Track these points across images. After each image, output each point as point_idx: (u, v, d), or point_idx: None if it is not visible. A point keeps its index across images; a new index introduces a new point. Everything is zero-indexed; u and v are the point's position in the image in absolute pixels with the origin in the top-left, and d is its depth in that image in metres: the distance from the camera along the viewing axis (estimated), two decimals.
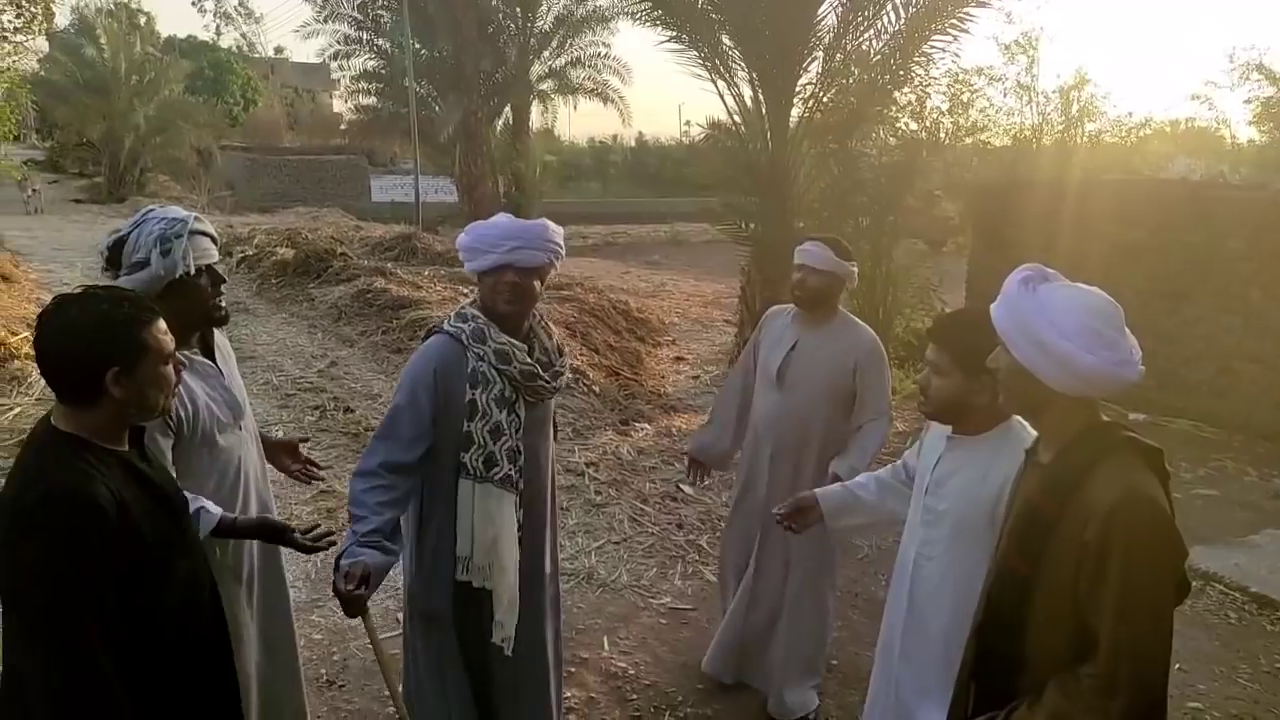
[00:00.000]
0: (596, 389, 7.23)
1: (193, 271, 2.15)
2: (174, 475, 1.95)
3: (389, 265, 11.42)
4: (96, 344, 1.60)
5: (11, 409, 6.02)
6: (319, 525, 2.29)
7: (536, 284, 2.40)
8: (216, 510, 2.09)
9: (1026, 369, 1.65)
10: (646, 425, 6.67)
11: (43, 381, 6.57)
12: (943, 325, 2.15)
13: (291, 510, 4.88)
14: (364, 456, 2.33)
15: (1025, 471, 1.79)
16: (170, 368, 1.73)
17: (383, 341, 8.51)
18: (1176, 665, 3.72)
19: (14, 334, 7.26)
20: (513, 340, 2.38)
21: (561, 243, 2.44)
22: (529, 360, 2.39)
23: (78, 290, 1.68)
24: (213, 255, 2.23)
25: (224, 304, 2.29)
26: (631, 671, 3.59)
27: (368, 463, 2.29)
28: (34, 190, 20.75)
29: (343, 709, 3.26)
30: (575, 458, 5.80)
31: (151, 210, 2.25)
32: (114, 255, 2.19)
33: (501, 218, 2.43)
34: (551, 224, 2.44)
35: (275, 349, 8.50)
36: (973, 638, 1.74)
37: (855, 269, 3.10)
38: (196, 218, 2.22)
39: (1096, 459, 1.58)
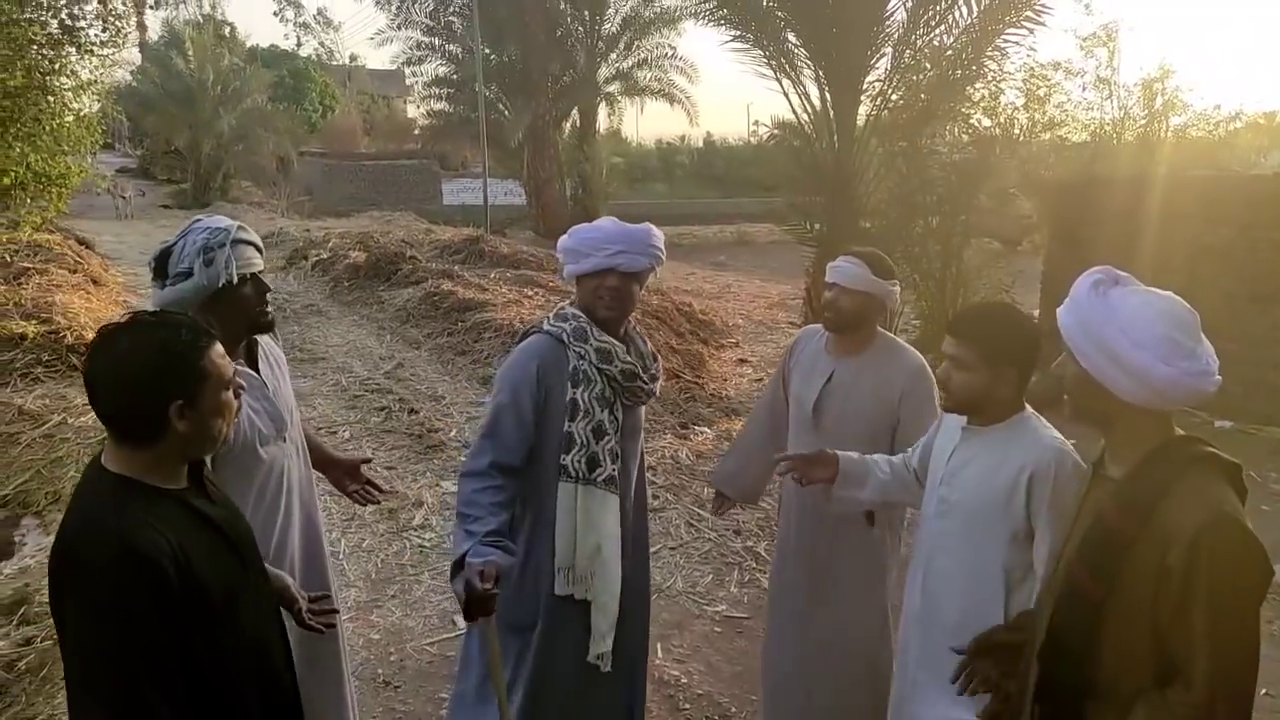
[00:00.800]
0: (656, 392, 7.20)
1: (235, 280, 2.14)
2: (237, 508, 1.82)
3: (455, 268, 11.60)
4: (157, 377, 1.50)
5: None
6: (328, 596, 2.17)
7: (636, 288, 2.39)
8: None
9: (1095, 379, 1.57)
10: (706, 429, 6.63)
11: None
12: (965, 318, 2.09)
13: (354, 510, 4.98)
14: (471, 457, 2.29)
15: (1092, 485, 1.71)
16: (231, 393, 1.64)
17: (447, 344, 8.64)
18: (1264, 690, 3.53)
19: None
20: (613, 340, 2.36)
21: (663, 247, 2.42)
22: (629, 358, 2.36)
23: (124, 318, 1.59)
24: (257, 264, 2.23)
25: (270, 310, 2.28)
26: (684, 680, 3.56)
27: (477, 463, 2.25)
28: (124, 197, 21.69)
29: (398, 709, 3.31)
30: None
31: (198, 220, 2.25)
32: (160, 266, 2.18)
33: (606, 221, 2.42)
34: (654, 229, 2.43)
35: (345, 350, 8.71)
36: (1036, 660, 1.67)
37: (897, 288, 2.73)
38: (240, 227, 2.23)
39: (1175, 476, 1.50)
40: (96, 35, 10.16)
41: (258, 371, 2.29)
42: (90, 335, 7.49)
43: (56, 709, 3.09)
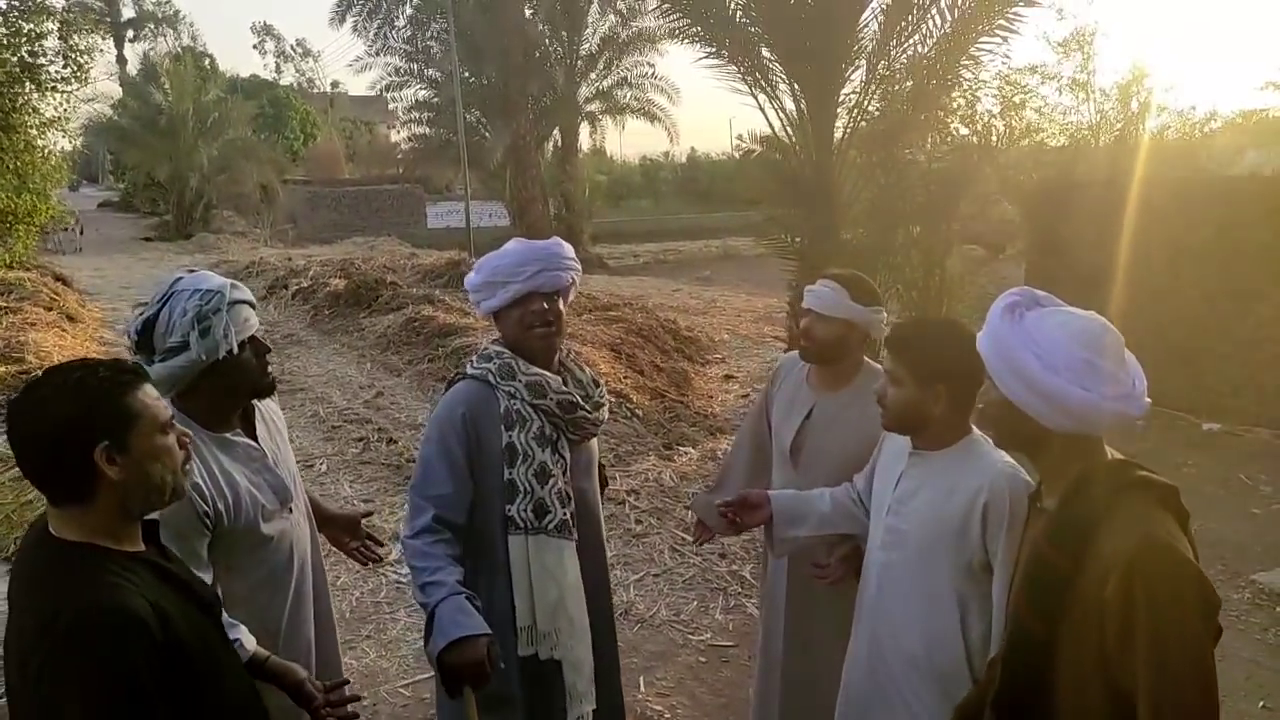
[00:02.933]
0: (639, 413, 7.12)
1: (236, 350, 1.93)
2: (197, 573, 1.70)
3: (437, 292, 11.51)
4: (75, 420, 1.37)
5: None
6: (348, 682, 1.97)
7: (563, 307, 2.25)
8: (249, 647, 1.83)
9: (1015, 405, 1.50)
10: (690, 449, 6.54)
11: None
12: (898, 332, 1.99)
13: (327, 544, 4.85)
14: (410, 519, 2.11)
15: (1030, 518, 1.63)
16: (171, 438, 1.49)
17: (428, 370, 8.54)
18: (1261, 702, 3.44)
19: None
20: (544, 372, 2.20)
21: (575, 257, 2.29)
22: (565, 388, 2.20)
23: (45, 369, 1.49)
24: (254, 325, 2.01)
25: (271, 373, 2.09)
26: (668, 715, 3.45)
27: (419, 522, 2.07)
28: (79, 230, 20.93)
29: None
30: (615, 485, 5.69)
31: (179, 280, 1.96)
32: (144, 339, 1.91)
33: (512, 244, 2.27)
34: (563, 241, 2.32)
35: (324, 380, 8.60)
36: (990, 709, 1.58)
37: (882, 314, 2.48)
38: (234, 285, 2.00)
39: (1108, 505, 1.42)
40: (58, 71, 10.08)
41: (255, 439, 2.06)
42: None
43: None
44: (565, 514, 2.16)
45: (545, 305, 2.20)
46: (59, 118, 10.55)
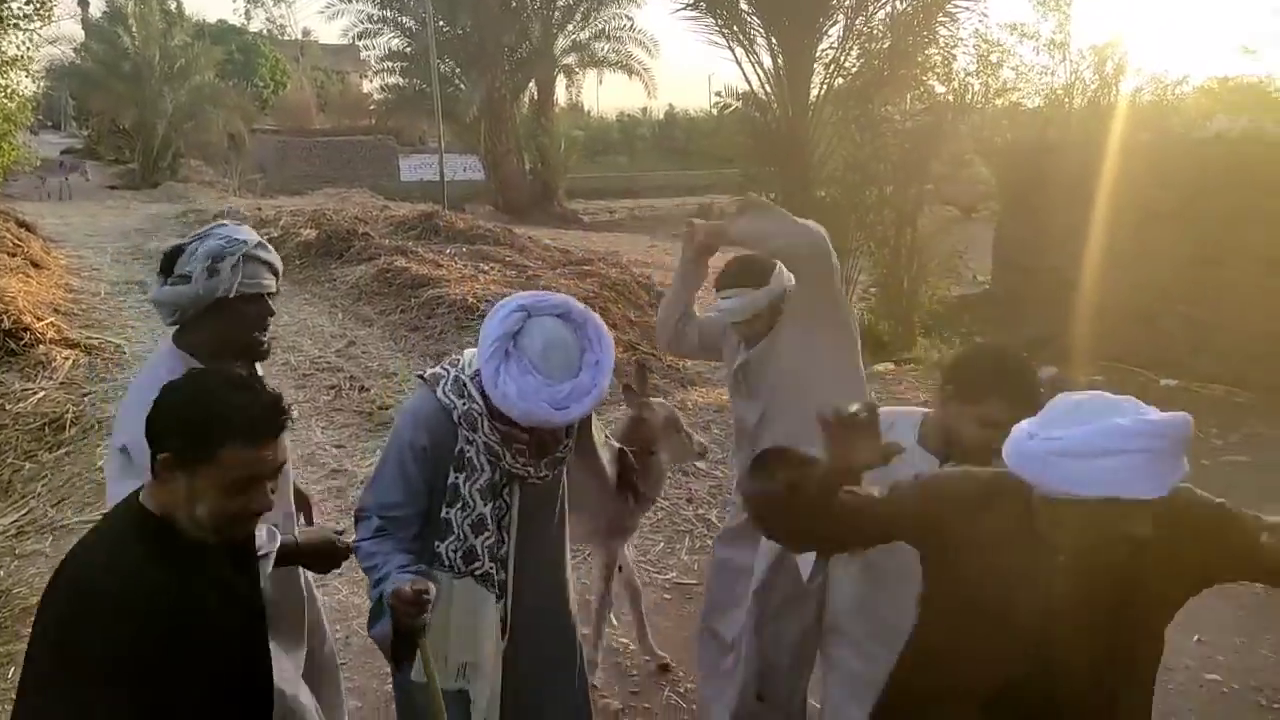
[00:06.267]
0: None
1: (232, 294, 2.00)
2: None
3: (410, 244, 11.44)
4: (186, 415, 1.43)
5: (36, 393, 6.11)
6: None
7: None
8: (278, 540, 1.82)
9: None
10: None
11: (67, 365, 6.72)
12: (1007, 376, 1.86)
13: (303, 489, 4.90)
14: (359, 527, 2.01)
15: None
16: (237, 501, 1.46)
17: (401, 321, 8.53)
18: (1196, 636, 3.61)
19: (40, 319, 7.37)
20: (511, 432, 1.97)
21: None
22: (521, 463, 2.01)
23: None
24: (267, 285, 2.08)
25: (266, 340, 2.13)
26: (632, 646, 3.56)
27: (366, 526, 1.99)
28: (67, 179, 20.99)
29: (344, 686, 3.26)
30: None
31: (223, 225, 2.12)
32: (168, 263, 2.04)
33: (534, 385, 1.85)
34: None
35: (295, 329, 8.57)
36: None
37: (784, 283, 2.53)
38: (260, 244, 2.09)
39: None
40: (20, 8, 9.77)
41: None
42: (29, 318, 7.28)
43: None
44: (491, 567, 2.04)
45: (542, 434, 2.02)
46: (21, 56, 10.26)
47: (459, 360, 2.07)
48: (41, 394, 6.11)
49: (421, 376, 2.08)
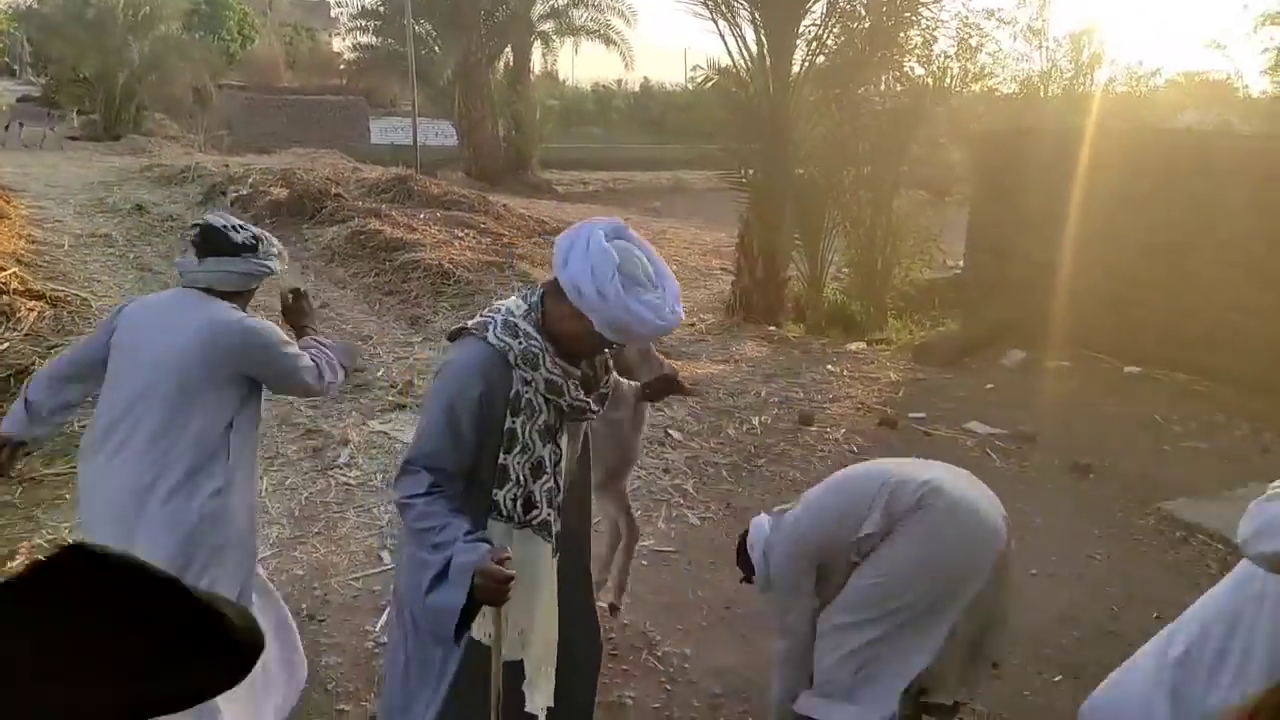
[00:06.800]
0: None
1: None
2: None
3: (384, 207, 11.29)
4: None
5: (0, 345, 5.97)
6: None
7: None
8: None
9: None
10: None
11: (31, 317, 6.56)
12: None
13: (278, 449, 4.87)
14: (405, 483, 1.93)
15: None
16: None
17: (375, 283, 8.45)
18: (1154, 613, 3.73)
19: (2, 270, 7.19)
20: (568, 368, 1.99)
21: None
22: (582, 397, 2.02)
23: None
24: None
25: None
26: (609, 612, 3.60)
27: (416, 483, 1.91)
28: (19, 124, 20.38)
29: (323, 642, 3.28)
30: None
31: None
32: (225, 240, 2.51)
33: (646, 309, 1.89)
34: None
35: (266, 289, 8.41)
36: None
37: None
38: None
39: None
40: None
41: None
42: None
43: None
44: (549, 514, 2.04)
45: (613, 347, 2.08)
46: None
47: (500, 307, 2.04)
48: (5, 345, 5.96)
49: (464, 329, 2.03)
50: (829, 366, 7.11)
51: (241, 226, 2.55)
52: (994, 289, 8.60)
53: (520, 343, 1.95)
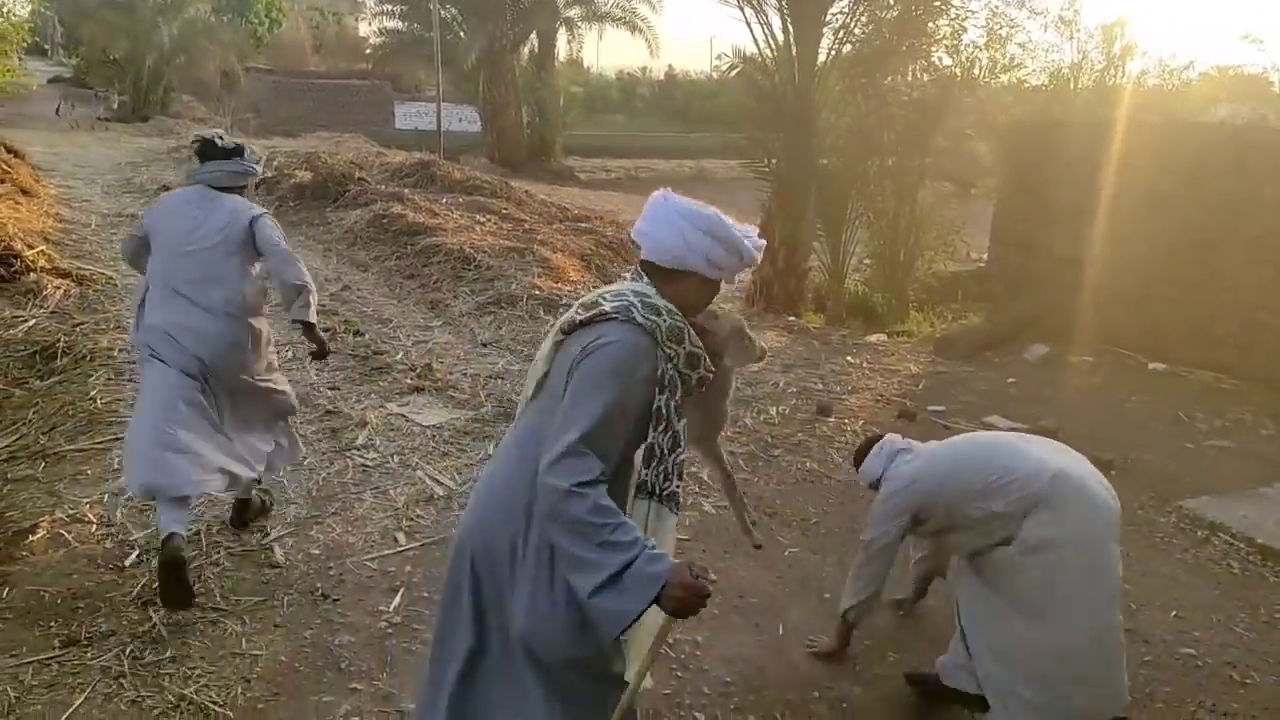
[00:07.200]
0: None
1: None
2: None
3: (406, 191, 11.33)
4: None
5: (27, 321, 6.05)
6: None
7: None
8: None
9: None
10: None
11: (58, 294, 6.64)
12: None
13: (296, 430, 4.89)
14: (575, 467, 1.81)
15: None
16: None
17: (396, 267, 8.48)
18: (1173, 612, 3.69)
19: (30, 247, 7.27)
20: (700, 342, 2.06)
21: None
22: (710, 366, 2.08)
23: None
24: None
25: None
26: None
27: (589, 470, 1.82)
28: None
29: (336, 621, 3.30)
30: None
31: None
32: (220, 149, 3.58)
33: (752, 236, 2.10)
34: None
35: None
36: None
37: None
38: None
39: None
40: None
41: None
42: (19, 245, 7.17)
43: None
44: (679, 485, 2.05)
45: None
46: None
47: (622, 290, 2.03)
48: (33, 322, 6.04)
49: (601, 313, 1.97)
50: (848, 358, 7.06)
51: (223, 136, 3.59)
52: (1018, 283, 8.50)
53: (665, 320, 1.97)
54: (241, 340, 3.52)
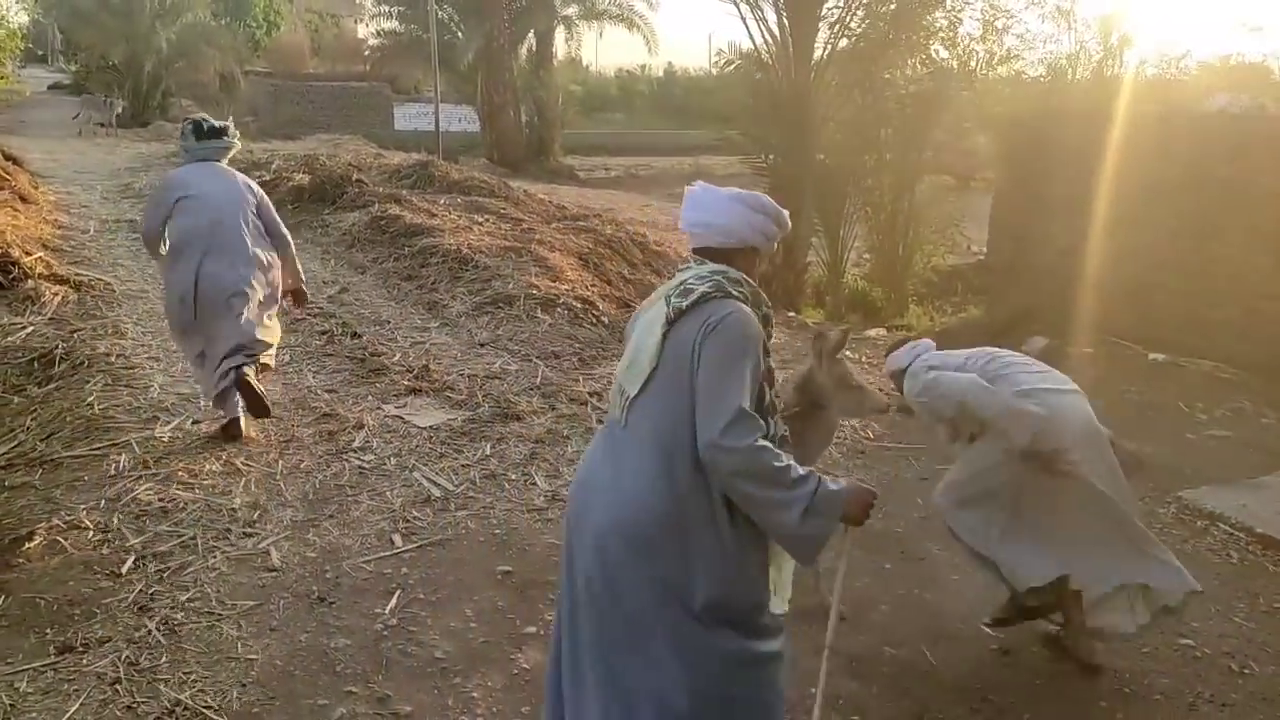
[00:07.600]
0: (605, 320, 7.18)
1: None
2: None
3: (404, 192, 11.32)
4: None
5: (25, 328, 6.06)
6: None
7: None
8: None
9: None
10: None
11: (56, 301, 6.65)
12: None
13: (292, 431, 4.91)
14: (744, 426, 1.97)
15: None
16: None
17: (393, 269, 8.47)
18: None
19: (28, 254, 7.28)
20: None
21: None
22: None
23: None
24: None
25: None
26: None
27: (757, 428, 2.00)
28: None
29: (332, 625, 3.30)
30: (580, 387, 5.78)
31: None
32: (206, 128, 4.76)
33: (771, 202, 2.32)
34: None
35: None
36: None
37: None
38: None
39: None
40: None
41: None
42: (17, 252, 7.18)
43: None
44: (785, 429, 2.23)
45: None
46: None
47: (702, 274, 2.17)
48: (30, 329, 6.05)
49: (705, 295, 2.09)
50: (847, 352, 7.04)
51: (207, 118, 4.87)
52: (1017, 275, 8.47)
53: (747, 289, 2.17)
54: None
